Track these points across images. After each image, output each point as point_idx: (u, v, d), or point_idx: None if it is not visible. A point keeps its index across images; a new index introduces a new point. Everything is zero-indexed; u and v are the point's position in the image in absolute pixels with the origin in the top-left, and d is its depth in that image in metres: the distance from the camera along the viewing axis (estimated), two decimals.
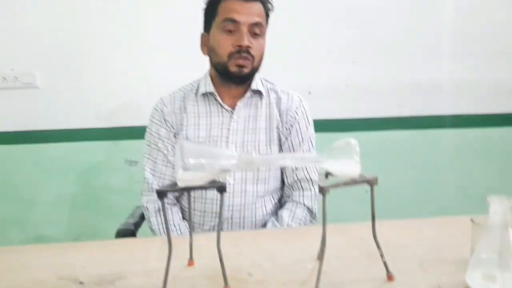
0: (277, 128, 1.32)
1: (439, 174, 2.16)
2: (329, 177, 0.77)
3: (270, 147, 1.30)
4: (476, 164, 2.16)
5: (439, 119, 2.15)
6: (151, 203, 1.32)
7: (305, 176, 1.33)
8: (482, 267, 0.71)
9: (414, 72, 2.11)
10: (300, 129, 1.33)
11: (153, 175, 1.33)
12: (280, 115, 1.32)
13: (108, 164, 2.10)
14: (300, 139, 1.33)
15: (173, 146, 1.32)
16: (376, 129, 2.12)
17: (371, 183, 0.74)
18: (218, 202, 1.25)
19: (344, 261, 0.83)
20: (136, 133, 1.95)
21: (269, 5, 1.28)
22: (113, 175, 2.10)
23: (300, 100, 1.36)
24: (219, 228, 0.74)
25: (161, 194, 0.71)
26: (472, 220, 0.78)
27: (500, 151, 2.17)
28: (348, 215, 1.26)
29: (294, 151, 1.32)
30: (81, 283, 0.78)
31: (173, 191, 0.72)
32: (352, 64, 2.09)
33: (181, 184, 0.71)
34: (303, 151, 1.33)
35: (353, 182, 0.73)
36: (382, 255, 0.75)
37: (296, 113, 1.33)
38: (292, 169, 1.33)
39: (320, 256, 0.72)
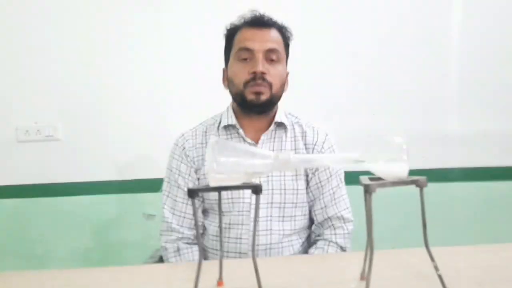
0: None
1: (464, 227, 2.05)
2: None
3: (297, 182, 1.23)
4: (504, 218, 2.05)
5: (463, 172, 2.08)
6: (170, 243, 1.24)
7: (336, 214, 1.25)
8: None
9: (437, 124, 2.07)
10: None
11: (173, 213, 1.26)
12: (306, 149, 1.27)
13: (124, 217, 2.04)
14: (328, 174, 1.26)
15: (193, 183, 1.25)
16: None
17: (420, 184, 0.68)
18: (243, 241, 1.20)
19: (392, 281, 0.74)
20: (154, 186, 1.93)
21: (288, 33, 1.26)
22: (129, 229, 2.03)
23: (326, 134, 1.31)
24: (254, 234, 0.67)
25: (192, 194, 0.65)
26: None
27: None
28: None
29: (322, 187, 1.26)
30: None
31: (204, 191, 0.66)
32: (373, 116, 2.07)
33: (213, 184, 0.66)
34: (332, 187, 1.26)
35: (401, 182, 0.67)
36: (436, 268, 0.66)
37: (323, 147, 1.28)
38: (322, 207, 1.25)
39: (369, 267, 0.64)
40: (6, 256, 1.98)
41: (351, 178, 1.73)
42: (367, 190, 0.64)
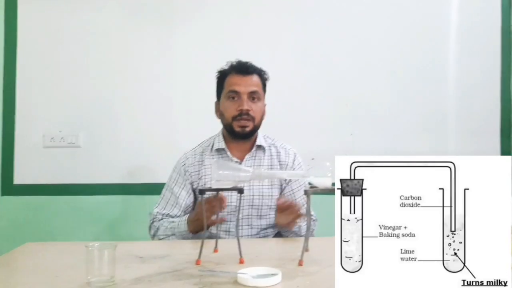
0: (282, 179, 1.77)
1: None
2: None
3: (272, 190, 1.75)
4: None
5: None
6: (153, 228, 1.73)
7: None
8: None
9: (406, 144, 2.59)
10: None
11: (161, 210, 1.75)
12: (280, 166, 1.79)
13: (132, 216, 2.54)
14: (298, 185, 1.78)
15: (187, 192, 1.75)
16: None
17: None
18: (231, 233, 1.72)
19: (325, 251, 1.27)
20: (158, 189, 2.43)
21: (266, 76, 1.78)
22: (137, 227, 2.52)
23: (295, 153, 1.84)
24: (238, 216, 1.20)
25: (202, 192, 1.18)
26: None
27: None
28: None
29: (294, 194, 1.78)
30: (141, 257, 1.23)
31: (210, 190, 1.19)
32: (350, 135, 2.60)
33: (214, 187, 1.19)
34: (301, 194, 1.78)
35: (326, 190, 1.20)
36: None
37: (294, 164, 1.81)
38: None
39: (306, 233, 1.17)
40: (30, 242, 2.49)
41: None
42: (306, 193, 1.18)
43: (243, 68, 1.74)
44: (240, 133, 1.72)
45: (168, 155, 2.48)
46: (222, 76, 1.79)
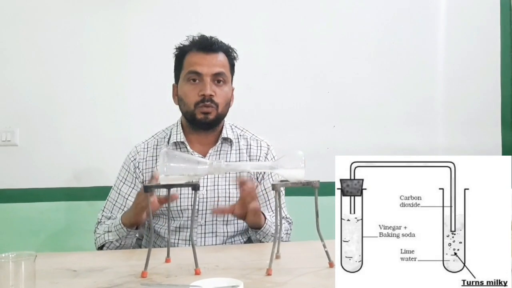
0: (248, 173, 1.65)
1: None
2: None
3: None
4: None
5: None
6: (99, 233, 1.62)
7: (285, 215, 1.68)
8: None
9: (391, 137, 2.53)
10: (271, 174, 1.69)
11: (110, 214, 1.65)
12: (250, 161, 1.69)
13: (81, 225, 2.42)
14: (272, 181, 1.69)
15: (137, 192, 1.56)
16: None
17: (314, 186, 1.11)
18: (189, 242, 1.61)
19: (298, 258, 1.18)
20: None
21: (234, 54, 1.67)
22: (86, 237, 2.40)
23: (268, 146, 1.74)
24: (192, 217, 1.10)
25: (147, 189, 1.08)
26: None
27: None
28: None
29: (267, 193, 1.69)
30: (74, 271, 1.12)
31: (157, 187, 1.08)
32: (333, 128, 2.52)
33: (163, 182, 1.08)
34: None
35: (299, 183, 1.11)
36: (324, 246, 1.10)
37: (267, 159, 1.71)
38: (270, 211, 1.67)
39: (275, 235, 1.08)
40: None
41: (306, 189, 2.18)
42: (274, 188, 1.08)
43: (206, 45, 1.62)
44: (202, 121, 1.60)
45: (121, 154, 2.37)
46: (181, 54, 1.66)
